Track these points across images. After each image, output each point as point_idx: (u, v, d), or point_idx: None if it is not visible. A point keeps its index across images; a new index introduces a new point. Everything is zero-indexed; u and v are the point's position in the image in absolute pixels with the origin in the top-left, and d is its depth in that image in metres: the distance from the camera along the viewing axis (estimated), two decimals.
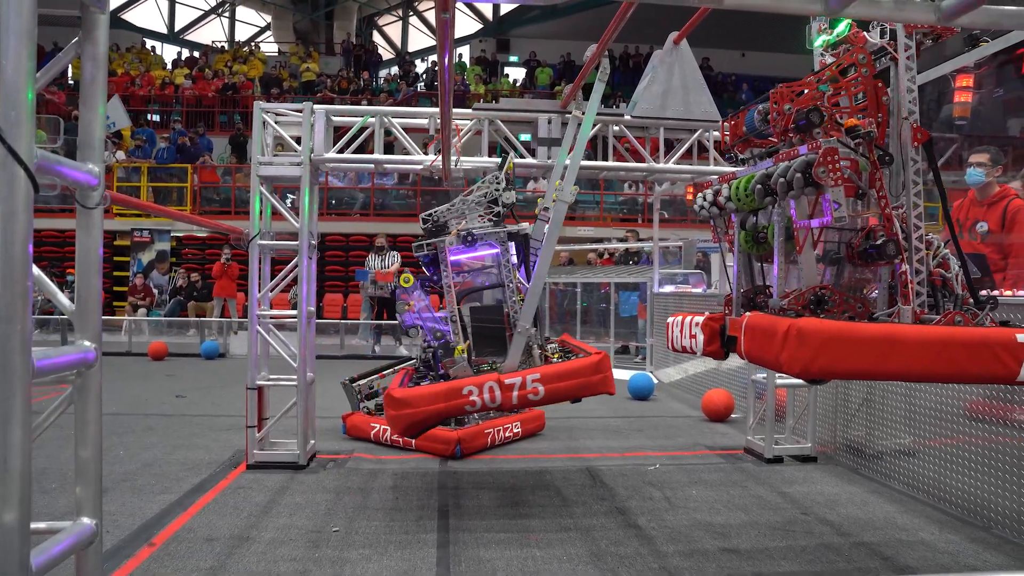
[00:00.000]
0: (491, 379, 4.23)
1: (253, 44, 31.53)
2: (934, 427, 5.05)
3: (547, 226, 4.75)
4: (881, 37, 3.05)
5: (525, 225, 5.14)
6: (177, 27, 32.77)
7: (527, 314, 4.57)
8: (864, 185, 2.96)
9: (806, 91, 3.11)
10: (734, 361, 6.40)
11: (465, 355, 4.66)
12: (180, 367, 12.53)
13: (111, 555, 3.94)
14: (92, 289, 2.23)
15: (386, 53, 32.95)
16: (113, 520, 4.49)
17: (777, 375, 6.10)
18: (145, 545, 4.11)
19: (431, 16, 30.73)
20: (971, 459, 4.70)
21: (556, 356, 4.81)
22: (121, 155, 20.25)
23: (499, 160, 5.45)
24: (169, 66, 27.74)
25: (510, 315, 4.75)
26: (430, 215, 4.97)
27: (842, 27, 3.21)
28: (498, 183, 4.89)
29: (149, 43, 30.27)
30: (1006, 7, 2.68)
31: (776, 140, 3.32)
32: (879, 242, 3.00)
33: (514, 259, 4.93)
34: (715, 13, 3.34)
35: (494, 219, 4.87)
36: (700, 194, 3.78)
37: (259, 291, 5.90)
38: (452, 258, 4.92)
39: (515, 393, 4.20)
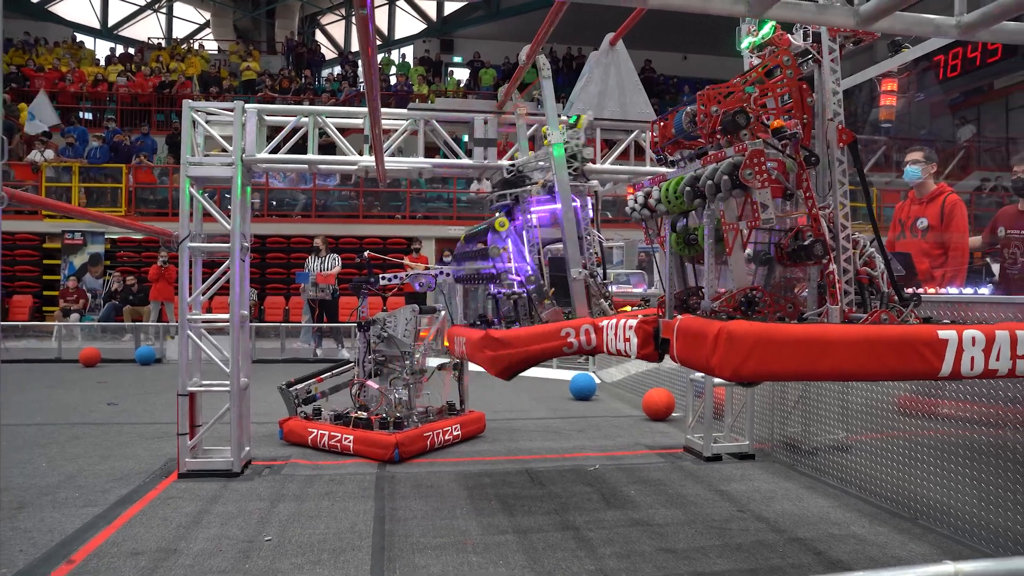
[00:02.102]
0: (587, 322, 4.16)
1: (192, 41, 30.77)
2: (866, 422, 5.17)
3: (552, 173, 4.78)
4: (804, 39, 3.09)
5: (595, 183, 5.16)
6: (111, 22, 31.76)
7: (573, 259, 4.57)
8: (791, 186, 2.99)
9: (733, 93, 3.13)
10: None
11: (553, 302, 4.64)
12: (113, 373, 12.13)
13: (23, 575, 3.76)
14: None
15: (329, 53, 32.50)
16: (28, 537, 4.29)
17: None
18: (63, 562, 3.93)
19: (375, 15, 30.44)
20: (899, 453, 4.83)
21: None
22: (50, 154, 19.52)
23: (570, 121, 5.37)
24: (102, 62, 26.86)
25: (587, 266, 4.72)
26: (513, 165, 4.99)
27: (767, 29, 3.24)
28: (578, 138, 4.85)
29: (80, 38, 29.27)
30: (919, 14, 2.75)
31: (704, 142, 3.33)
32: (807, 242, 3.03)
33: (591, 213, 4.90)
34: (657, 16, 3.36)
35: (572, 173, 4.83)
36: (631, 196, 3.78)
37: (190, 295, 5.74)
38: (534, 209, 4.87)
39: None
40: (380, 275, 6.82)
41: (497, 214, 5.17)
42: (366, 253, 7.31)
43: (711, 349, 2.74)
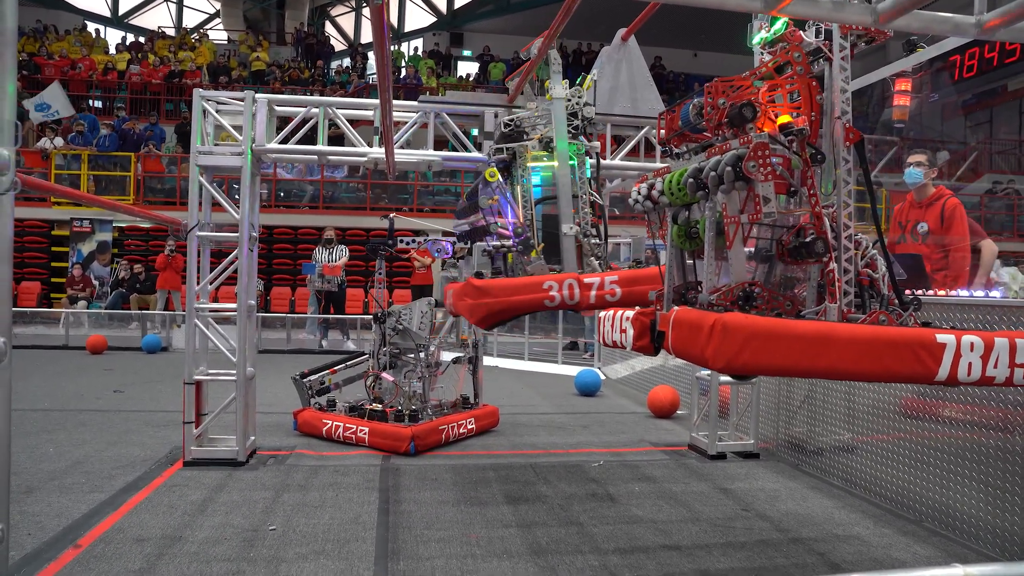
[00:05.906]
0: (571, 277, 4.15)
1: (202, 31, 30.79)
2: (871, 424, 5.16)
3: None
4: (816, 37, 3.06)
5: (596, 143, 5.11)
6: (121, 11, 31.81)
7: (565, 215, 4.53)
8: (796, 183, 2.97)
9: (741, 86, 3.11)
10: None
11: (541, 257, 4.62)
12: (120, 361, 12.17)
13: (31, 559, 3.78)
14: (1, 279, 2.12)
15: (339, 44, 32.49)
16: (36, 521, 4.32)
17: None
18: (70, 547, 3.95)
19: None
20: (905, 455, 4.81)
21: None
22: (60, 141, 19.56)
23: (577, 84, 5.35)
24: (112, 51, 26.90)
25: (581, 225, 4.69)
26: (512, 119, 4.93)
27: (779, 25, 3.22)
28: (579, 96, 4.82)
29: (91, 26, 29.31)
30: (937, 13, 2.73)
31: (710, 135, 3.31)
32: (808, 240, 3.01)
33: (588, 173, 4.88)
34: (668, 12, 3.35)
35: (572, 131, 4.80)
36: (635, 188, 3.76)
37: (198, 284, 5.75)
38: (529, 164, 4.85)
39: (593, 292, 4.10)
40: (399, 238, 6.90)
41: (490, 167, 5.13)
42: (392, 214, 7.42)
43: (706, 340, 2.72)
